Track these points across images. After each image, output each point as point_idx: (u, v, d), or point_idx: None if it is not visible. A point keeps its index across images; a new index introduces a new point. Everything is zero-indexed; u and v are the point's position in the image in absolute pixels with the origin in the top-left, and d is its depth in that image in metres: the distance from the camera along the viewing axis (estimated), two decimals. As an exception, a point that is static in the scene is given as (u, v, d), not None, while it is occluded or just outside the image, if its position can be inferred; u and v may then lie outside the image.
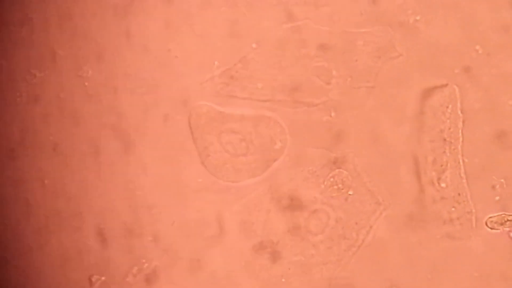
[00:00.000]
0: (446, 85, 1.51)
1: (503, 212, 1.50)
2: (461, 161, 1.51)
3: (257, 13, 1.58)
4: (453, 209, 1.51)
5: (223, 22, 1.59)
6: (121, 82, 1.65)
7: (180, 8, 1.63)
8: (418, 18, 1.53)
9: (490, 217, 1.50)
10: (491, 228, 1.50)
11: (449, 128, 1.52)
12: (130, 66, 1.66)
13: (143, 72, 1.65)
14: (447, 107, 1.52)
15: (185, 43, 1.60)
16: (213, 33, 1.59)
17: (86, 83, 1.67)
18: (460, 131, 1.51)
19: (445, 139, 1.52)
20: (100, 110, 1.67)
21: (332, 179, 1.54)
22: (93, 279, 1.63)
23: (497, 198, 1.50)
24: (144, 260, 1.62)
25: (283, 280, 1.56)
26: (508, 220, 1.51)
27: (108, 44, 1.67)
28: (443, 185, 1.52)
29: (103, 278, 1.63)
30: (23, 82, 1.71)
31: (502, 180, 1.51)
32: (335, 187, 1.54)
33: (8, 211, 1.73)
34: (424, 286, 1.55)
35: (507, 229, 1.50)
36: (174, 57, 1.60)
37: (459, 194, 1.51)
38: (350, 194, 1.54)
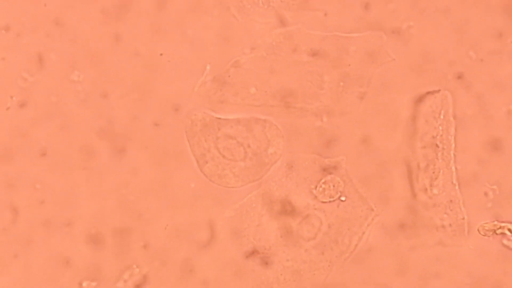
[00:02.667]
0: (439, 91, 1.54)
1: (495, 219, 1.52)
2: (453, 167, 1.54)
3: (249, 18, 1.58)
4: (445, 215, 1.53)
5: (215, 26, 1.59)
6: (112, 86, 1.64)
7: (171, 13, 1.64)
8: (411, 24, 1.55)
9: (482, 224, 1.52)
10: (483, 235, 1.52)
11: (441, 135, 1.54)
12: (121, 71, 1.65)
13: (134, 76, 1.64)
14: (440, 113, 1.54)
15: (177, 48, 1.60)
16: (205, 37, 1.59)
17: (78, 88, 1.66)
18: (452, 137, 1.54)
19: (437, 145, 1.54)
20: (91, 115, 1.66)
21: (324, 185, 1.54)
22: (84, 285, 1.61)
23: (490, 205, 1.53)
24: (135, 266, 1.60)
25: (275, 286, 1.56)
26: (500, 227, 1.54)
27: (100, 48, 1.67)
28: (435, 191, 1.53)
29: (94, 283, 1.61)
30: (14, 86, 1.68)
31: (495, 187, 1.54)
32: (327, 192, 1.54)
33: (-4, 215, 1.86)
34: None
35: (499, 236, 1.53)
36: (166, 61, 1.59)
37: (451, 201, 1.53)
38: (342, 200, 1.55)
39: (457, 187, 1.53)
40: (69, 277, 1.68)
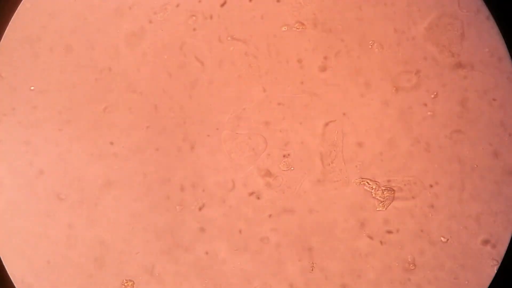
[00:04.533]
0: (335, 120, 1.95)
1: (360, 177, 1.94)
2: (341, 155, 1.95)
3: (250, 87, 1.94)
4: (338, 176, 1.96)
5: (234, 92, 1.95)
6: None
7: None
8: (322, 90, 1.93)
9: (354, 180, 1.95)
10: (356, 185, 1.94)
11: (336, 140, 1.95)
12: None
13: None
14: (336, 131, 1.96)
15: (218, 101, 1.95)
16: (230, 97, 1.94)
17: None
18: (341, 142, 1.94)
19: (334, 145, 1.96)
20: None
21: (284, 163, 1.98)
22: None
23: (358, 171, 1.94)
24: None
25: (267, 212, 1.95)
26: (362, 181, 1.90)
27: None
28: (333, 165, 1.96)
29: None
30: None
31: (360, 163, 1.93)
32: (286, 166, 1.98)
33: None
34: (327, 209, 1.91)
35: (363, 185, 1.91)
36: (213, 107, 1.95)
37: (339, 170, 1.98)
38: (292, 170, 1.99)
39: (343, 163, 1.98)
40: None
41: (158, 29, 1.92)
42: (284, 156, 1.98)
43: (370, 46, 1.92)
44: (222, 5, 1.90)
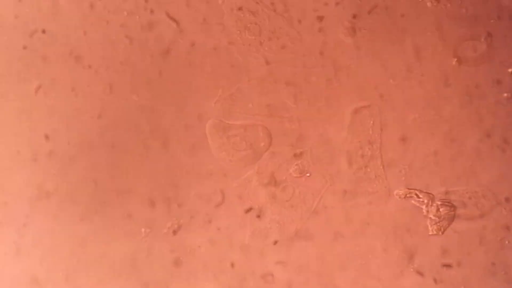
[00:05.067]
0: (369, 105, 1.72)
1: (406, 187, 1.71)
2: (379, 155, 1.71)
3: (247, 58, 1.73)
4: (374, 185, 1.72)
5: (225, 64, 1.72)
6: (161, 103, 1.73)
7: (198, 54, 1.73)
8: (351, 62, 1.72)
9: (398, 191, 1.72)
10: (399, 198, 1.71)
11: (371, 134, 1.72)
12: (170, 90, 1.73)
13: (176, 95, 1.73)
14: (371, 120, 1.72)
15: (201, 78, 1.72)
16: (219, 72, 1.72)
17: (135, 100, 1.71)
18: (379, 136, 1.72)
19: (368, 141, 1.72)
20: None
21: (295, 166, 1.72)
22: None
23: (403, 178, 1.71)
24: (175, 218, 1.74)
25: (265, 232, 1.72)
26: (409, 192, 1.71)
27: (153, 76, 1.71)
28: (368, 170, 1.72)
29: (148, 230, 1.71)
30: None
31: (406, 166, 1.72)
32: (298, 171, 1.73)
33: None
34: (358, 232, 1.70)
35: (409, 198, 1.71)
36: (194, 87, 1.71)
37: (376, 176, 1.71)
38: (307, 176, 1.73)
39: (381, 167, 1.71)
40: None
41: (113, -27, 1.63)
42: (295, 155, 1.71)
43: (419, -1, 1.63)
44: None
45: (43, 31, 1.66)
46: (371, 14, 1.71)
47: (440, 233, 1.69)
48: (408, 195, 1.71)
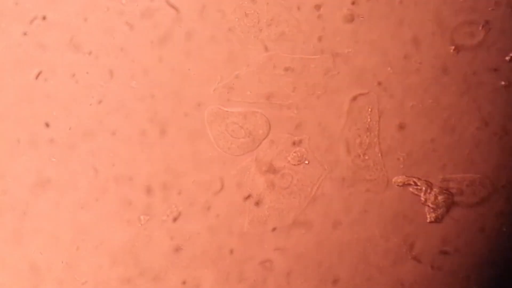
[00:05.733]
0: (368, 93, 1.73)
1: (404, 175, 1.73)
2: (377, 142, 1.73)
3: (245, 46, 1.74)
4: (372, 173, 1.74)
5: (224, 51, 1.74)
6: (158, 90, 1.73)
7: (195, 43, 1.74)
8: (350, 50, 1.72)
9: (396, 178, 1.74)
10: (398, 186, 1.73)
11: (370, 121, 1.73)
12: (166, 80, 1.74)
13: (173, 84, 1.75)
14: (369, 108, 1.73)
15: (199, 65, 1.74)
16: (218, 58, 1.73)
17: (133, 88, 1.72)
18: (377, 123, 1.74)
19: (367, 128, 1.74)
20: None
21: (294, 154, 1.74)
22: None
23: (401, 166, 1.74)
24: (174, 206, 1.77)
25: (264, 219, 1.75)
26: (408, 180, 1.73)
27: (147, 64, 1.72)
28: (366, 157, 1.73)
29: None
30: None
31: (404, 154, 1.74)
32: (296, 158, 1.75)
33: None
34: (357, 220, 1.74)
35: (407, 186, 1.73)
36: (193, 74, 1.72)
37: (374, 164, 1.73)
38: (306, 163, 1.75)
39: (379, 155, 1.74)
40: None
41: (112, -40, 1.61)
42: (294, 143, 1.74)
43: (418, -14, 1.62)
44: None
45: (43, 18, 1.63)
46: (369, 1, 1.69)
47: (438, 220, 1.71)
48: (406, 183, 1.73)
